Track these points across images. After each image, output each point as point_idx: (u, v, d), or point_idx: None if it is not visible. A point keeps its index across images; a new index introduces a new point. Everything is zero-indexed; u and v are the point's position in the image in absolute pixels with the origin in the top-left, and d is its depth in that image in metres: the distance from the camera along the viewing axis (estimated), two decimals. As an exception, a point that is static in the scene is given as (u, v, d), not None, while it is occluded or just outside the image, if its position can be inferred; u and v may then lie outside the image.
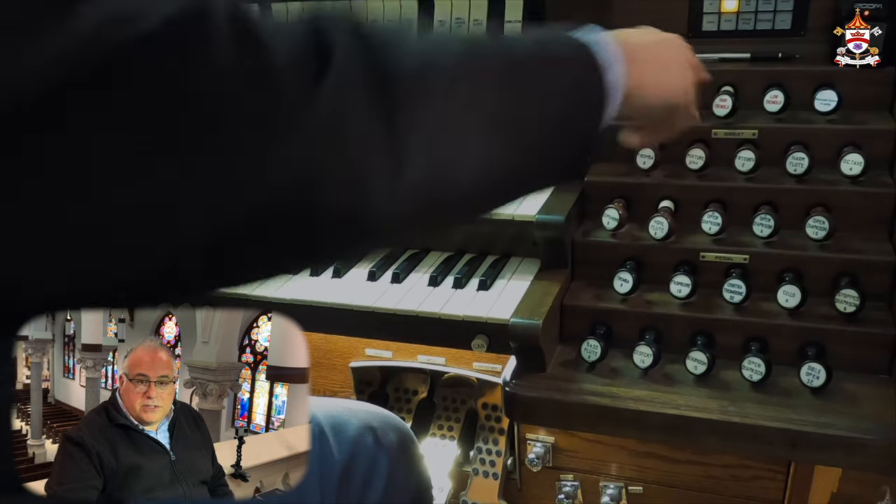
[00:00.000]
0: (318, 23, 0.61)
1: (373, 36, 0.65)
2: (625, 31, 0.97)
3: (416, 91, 0.65)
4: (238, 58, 0.54)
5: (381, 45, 0.64)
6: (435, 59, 0.69)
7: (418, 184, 0.65)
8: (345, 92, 0.59)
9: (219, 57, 0.54)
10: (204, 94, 0.53)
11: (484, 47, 0.77)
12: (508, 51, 0.79)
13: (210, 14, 0.53)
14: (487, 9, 1.94)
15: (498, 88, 0.74)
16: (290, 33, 0.60)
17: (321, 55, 0.59)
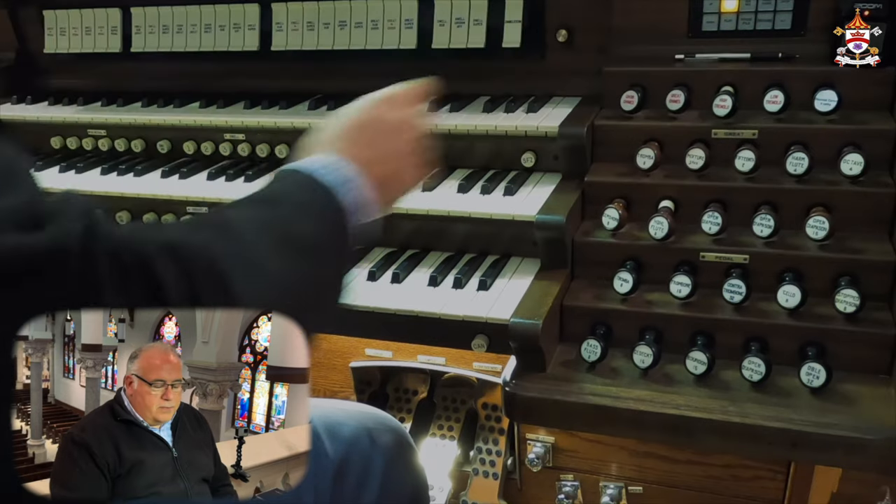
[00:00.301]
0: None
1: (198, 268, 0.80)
2: (349, 140, 1.08)
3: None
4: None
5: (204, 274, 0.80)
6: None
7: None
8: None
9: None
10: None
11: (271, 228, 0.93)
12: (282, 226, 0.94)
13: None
14: (487, 9, 1.94)
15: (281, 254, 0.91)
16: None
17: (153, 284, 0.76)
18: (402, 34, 2.02)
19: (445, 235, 1.76)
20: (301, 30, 2.11)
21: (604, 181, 1.63)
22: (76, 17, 2.38)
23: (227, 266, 0.82)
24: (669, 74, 1.69)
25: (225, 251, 0.84)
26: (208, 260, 0.81)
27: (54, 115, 2.22)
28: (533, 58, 1.95)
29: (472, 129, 1.80)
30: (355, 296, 1.59)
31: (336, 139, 1.08)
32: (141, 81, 2.35)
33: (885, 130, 1.51)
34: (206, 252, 0.82)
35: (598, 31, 1.84)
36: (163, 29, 2.26)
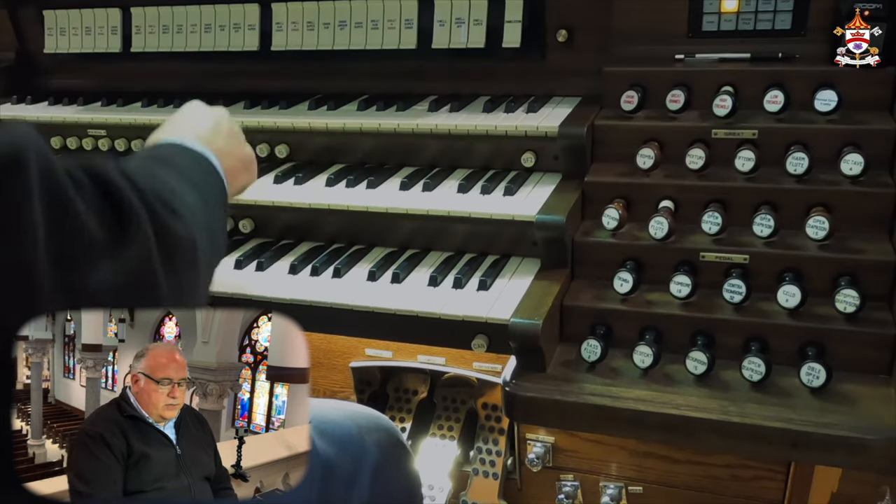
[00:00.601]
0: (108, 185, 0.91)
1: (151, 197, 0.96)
2: (208, 135, 1.32)
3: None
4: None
5: (159, 206, 0.96)
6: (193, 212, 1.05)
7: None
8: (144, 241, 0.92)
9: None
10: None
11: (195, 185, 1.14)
12: (207, 200, 1.15)
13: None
14: (487, 9, 1.94)
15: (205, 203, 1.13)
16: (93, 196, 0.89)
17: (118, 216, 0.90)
18: (402, 34, 2.02)
19: (445, 235, 1.76)
20: (301, 30, 2.11)
21: (604, 181, 1.63)
22: (76, 17, 2.38)
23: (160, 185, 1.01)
24: (669, 74, 1.69)
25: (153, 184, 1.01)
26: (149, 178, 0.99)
27: (54, 115, 2.22)
28: (533, 58, 1.95)
29: (472, 129, 1.80)
30: (355, 296, 1.59)
31: (193, 130, 1.31)
32: (141, 81, 2.35)
33: (885, 130, 1.51)
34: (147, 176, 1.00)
35: (598, 31, 1.84)
36: (163, 29, 2.26)
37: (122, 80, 2.39)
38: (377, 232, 1.81)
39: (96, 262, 0.85)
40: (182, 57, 2.26)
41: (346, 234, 1.84)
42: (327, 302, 1.58)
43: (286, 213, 1.84)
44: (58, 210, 0.83)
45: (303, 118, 1.96)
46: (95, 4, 2.34)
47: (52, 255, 0.80)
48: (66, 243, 0.83)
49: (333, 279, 1.67)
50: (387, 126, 1.87)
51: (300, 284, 1.66)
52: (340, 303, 1.58)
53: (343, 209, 1.74)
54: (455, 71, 2.04)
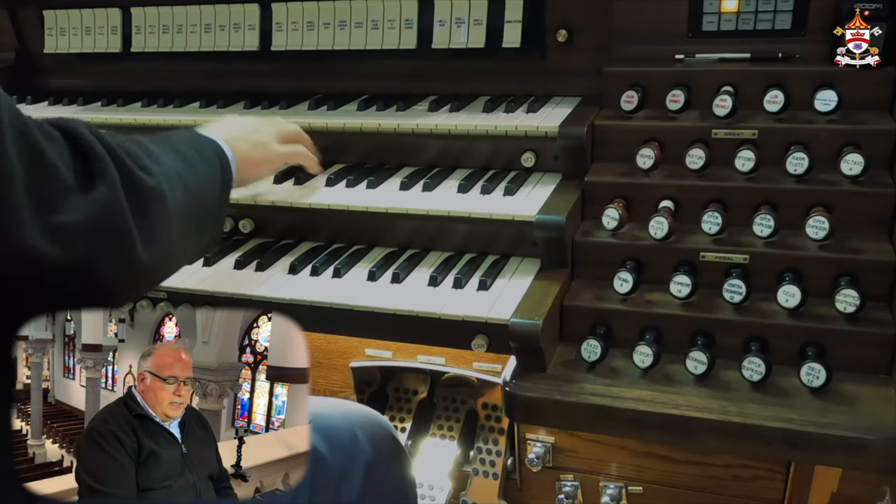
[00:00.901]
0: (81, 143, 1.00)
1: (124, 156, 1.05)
2: (230, 131, 1.50)
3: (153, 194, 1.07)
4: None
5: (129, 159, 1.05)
6: (166, 176, 1.13)
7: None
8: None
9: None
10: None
11: (187, 167, 1.24)
12: (192, 167, 1.26)
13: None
14: (487, 9, 1.94)
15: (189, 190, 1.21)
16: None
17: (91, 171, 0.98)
18: (402, 34, 2.02)
19: (445, 235, 1.76)
20: (301, 30, 2.11)
21: (604, 181, 1.63)
22: (76, 17, 2.38)
23: (135, 148, 1.09)
24: (669, 74, 1.69)
25: (129, 142, 1.11)
26: (119, 141, 1.07)
27: (54, 116, 2.22)
28: (533, 58, 1.95)
29: (472, 129, 1.80)
30: (355, 296, 1.59)
31: (212, 129, 1.46)
32: (141, 81, 2.36)
33: (885, 130, 1.51)
34: (117, 138, 1.08)
35: (598, 31, 1.84)
36: (163, 29, 2.26)
37: (122, 80, 2.39)
38: (377, 232, 1.81)
39: (68, 201, 0.93)
40: (182, 57, 2.26)
41: (346, 234, 1.84)
42: (327, 302, 1.58)
43: (286, 213, 1.84)
44: (30, 156, 0.90)
45: (303, 118, 1.96)
46: (95, 4, 2.34)
47: (31, 196, 0.88)
48: (42, 185, 0.90)
49: (333, 279, 1.67)
50: (387, 126, 1.87)
51: (300, 284, 1.65)
52: (340, 303, 1.58)
53: (343, 209, 1.74)
54: (455, 71, 2.04)
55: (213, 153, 1.36)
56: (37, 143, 0.92)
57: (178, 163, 1.21)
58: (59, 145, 0.97)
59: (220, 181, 1.36)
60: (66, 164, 0.95)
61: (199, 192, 1.25)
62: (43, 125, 0.97)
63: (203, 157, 1.32)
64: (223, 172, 1.37)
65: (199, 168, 1.28)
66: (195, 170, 1.26)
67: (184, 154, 1.26)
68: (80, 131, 1.01)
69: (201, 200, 1.26)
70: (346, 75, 2.15)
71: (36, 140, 0.92)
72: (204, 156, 1.33)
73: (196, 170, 1.26)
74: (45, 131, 0.96)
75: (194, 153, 1.30)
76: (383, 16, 2.03)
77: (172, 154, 1.22)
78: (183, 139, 1.32)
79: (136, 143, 1.15)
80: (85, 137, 1.01)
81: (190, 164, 1.25)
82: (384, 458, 1.43)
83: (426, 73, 2.07)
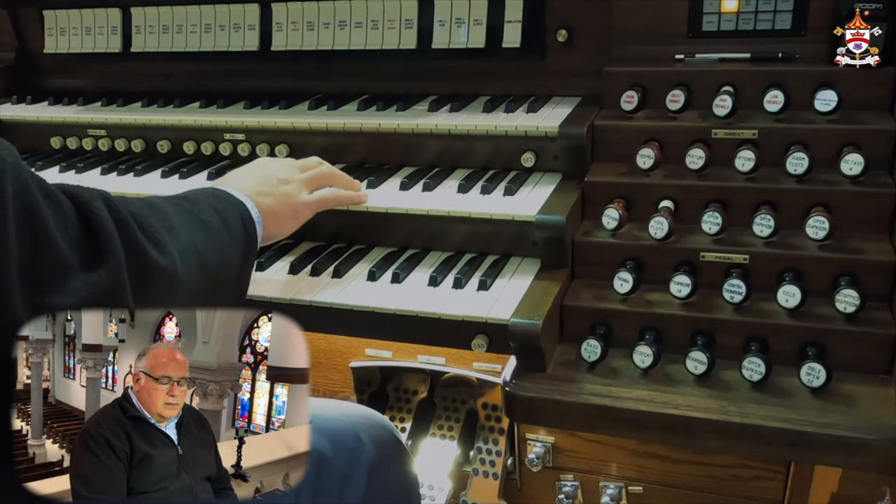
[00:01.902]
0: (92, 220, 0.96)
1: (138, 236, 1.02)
2: (256, 184, 1.46)
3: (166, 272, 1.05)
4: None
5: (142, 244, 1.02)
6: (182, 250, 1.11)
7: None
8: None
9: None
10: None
11: (206, 234, 1.21)
12: (215, 239, 1.23)
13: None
14: (487, 9, 1.94)
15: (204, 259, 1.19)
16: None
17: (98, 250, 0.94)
18: (402, 34, 2.02)
19: (445, 235, 1.76)
20: (301, 30, 2.11)
21: (604, 181, 1.63)
22: (76, 17, 2.38)
23: (153, 221, 1.08)
24: (669, 74, 1.69)
25: (148, 211, 1.09)
26: (135, 213, 1.05)
27: (54, 115, 2.22)
28: (533, 58, 1.95)
29: (472, 129, 1.80)
30: (355, 296, 1.59)
31: (238, 182, 1.43)
32: (141, 81, 2.36)
33: (885, 130, 1.51)
34: (133, 208, 1.06)
35: (598, 31, 1.84)
36: (163, 29, 2.26)
37: (122, 80, 2.39)
38: (377, 232, 1.81)
39: (66, 281, 0.89)
40: (182, 57, 2.26)
41: (346, 234, 1.84)
42: (327, 302, 1.58)
43: (286, 213, 1.84)
44: (31, 234, 0.85)
45: (303, 118, 1.96)
46: (95, 4, 2.34)
47: (24, 279, 0.83)
48: (39, 265, 0.86)
49: (333, 279, 1.67)
50: (387, 126, 1.87)
51: (300, 284, 1.65)
52: (340, 303, 1.58)
53: (343, 209, 1.74)
54: (455, 71, 2.04)
55: (237, 219, 1.31)
56: (41, 219, 0.87)
57: (200, 235, 1.17)
58: (66, 219, 0.91)
59: (243, 250, 1.31)
60: (70, 241, 0.91)
61: (217, 268, 1.20)
62: (54, 193, 0.91)
63: (228, 228, 1.26)
64: (247, 242, 1.32)
65: (222, 240, 1.23)
66: (217, 243, 1.21)
67: (207, 225, 1.21)
68: (93, 206, 0.96)
69: (218, 274, 1.22)
70: (346, 75, 2.15)
71: (41, 215, 0.87)
72: (229, 225, 1.27)
73: (218, 243, 1.22)
74: (53, 201, 0.90)
75: (219, 223, 1.25)
76: (383, 16, 2.03)
77: (195, 225, 1.18)
78: (208, 204, 1.27)
79: (157, 212, 1.11)
80: (97, 213, 0.95)
81: (212, 237, 1.20)
82: (387, 459, 1.43)
83: (426, 73, 2.07)
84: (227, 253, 1.25)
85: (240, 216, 1.32)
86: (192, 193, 1.30)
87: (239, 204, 1.34)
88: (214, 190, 1.36)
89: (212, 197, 1.31)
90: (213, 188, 1.37)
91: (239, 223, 1.31)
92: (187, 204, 1.23)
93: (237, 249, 1.29)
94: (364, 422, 1.43)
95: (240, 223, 1.31)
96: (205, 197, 1.30)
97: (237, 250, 1.29)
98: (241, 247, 1.30)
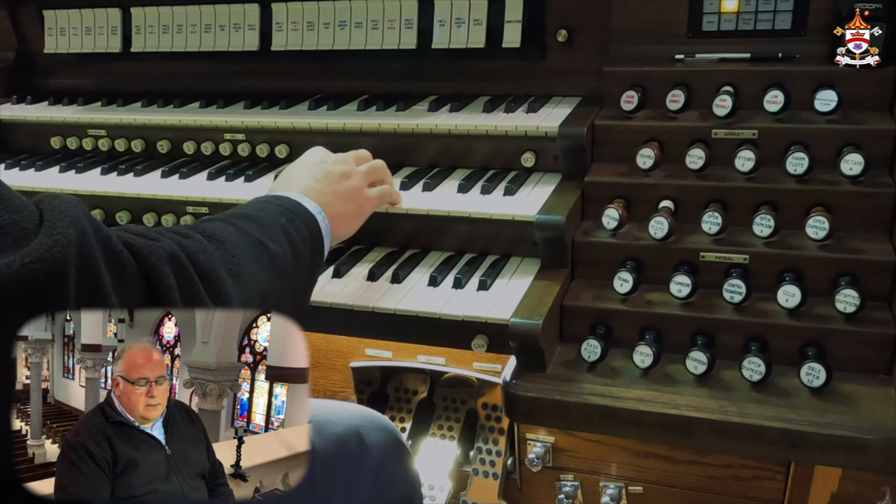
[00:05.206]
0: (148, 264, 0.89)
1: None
2: (320, 183, 1.38)
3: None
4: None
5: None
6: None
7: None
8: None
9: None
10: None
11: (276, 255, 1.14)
12: (282, 272, 1.15)
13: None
14: (487, 9, 1.94)
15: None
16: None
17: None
18: (402, 34, 2.02)
19: (445, 235, 1.76)
20: (301, 30, 2.11)
21: (604, 181, 1.63)
22: (76, 17, 2.38)
23: (219, 272, 0.99)
24: (669, 74, 1.69)
25: (215, 257, 1.00)
26: (202, 266, 0.97)
27: (54, 115, 2.22)
28: (533, 58, 1.95)
29: (472, 129, 1.80)
30: (355, 296, 1.59)
31: (302, 183, 1.36)
32: (141, 81, 2.36)
33: (885, 130, 1.51)
34: (200, 258, 0.97)
35: (598, 31, 1.84)
36: (163, 29, 2.26)
37: (122, 80, 2.39)
38: (377, 232, 1.81)
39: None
40: (182, 57, 2.26)
41: (346, 234, 1.84)
42: (327, 302, 1.58)
43: (286, 213, 1.84)
44: (91, 301, 0.81)
45: (303, 118, 1.96)
46: (95, 4, 2.34)
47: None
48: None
49: (333, 279, 1.67)
50: (387, 126, 1.87)
51: (300, 284, 1.65)
52: (340, 303, 1.58)
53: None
54: (455, 71, 2.04)
55: (307, 242, 1.22)
56: (103, 295, 0.81)
57: (266, 276, 1.09)
58: (128, 289, 0.86)
59: (307, 279, 1.24)
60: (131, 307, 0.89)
61: (278, 304, 1.14)
62: (118, 255, 0.85)
63: (296, 256, 1.18)
64: (312, 268, 1.25)
65: (288, 275, 1.15)
66: (283, 283, 1.14)
67: (275, 259, 1.12)
68: (160, 271, 0.89)
69: (279, 306, 1.15)
70: (346, 75, 2.15)
71: (103, 288, 0.81)
72: (297, 251, 1.18)
73: (284, 282, 1.14)
74: (117, 263, 0.84)
75: (289, 253, 1.16)
76: (383, 16, 2.03)
77: (263, 261, 1.09)
78: (279, 227, 1.18)
79: (227, 252, 1.03)
80: (165, 282, 0.89)
81: (279, 276, 1.12)
82: (390, 461, 1.43)
83: (426, 73, 2.07)
84: (291, 283, 1.18)
85: (310, 237, 1.24)
86: (264, 209, 1.21)
87: (310, 221, 1.26)
88: (286, 205, 1.25)
89: (284, 217, 1.22)
90: (285, 199, 1.27)
91: (308, 248, 1.22)
92: (259, 231, 1.14)
93: (302, 278, 1.22)
94: (366, 423, 1.43)
95: (309, 248, 1.23)
96: (276, 217, 1.20)
97: (302, 278, 1.22)
98: (307, 275, 1.24)
